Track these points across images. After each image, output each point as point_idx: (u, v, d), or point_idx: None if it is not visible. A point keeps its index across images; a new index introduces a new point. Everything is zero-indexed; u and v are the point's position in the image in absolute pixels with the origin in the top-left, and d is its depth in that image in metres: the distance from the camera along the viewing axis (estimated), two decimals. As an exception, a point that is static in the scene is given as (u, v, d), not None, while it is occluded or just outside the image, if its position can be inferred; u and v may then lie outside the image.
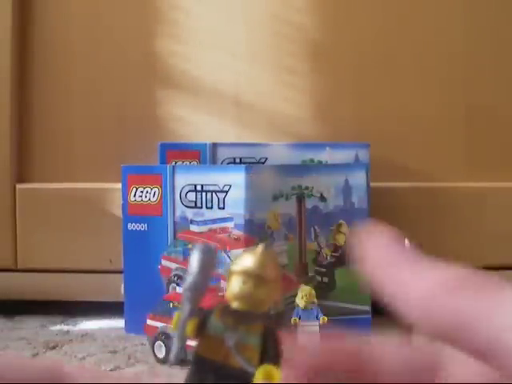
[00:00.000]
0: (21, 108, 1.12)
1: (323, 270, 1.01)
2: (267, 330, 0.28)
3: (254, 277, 0.28)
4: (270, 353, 0.28)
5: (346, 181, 1.01)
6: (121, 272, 0.99)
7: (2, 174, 1.10)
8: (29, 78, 1.12)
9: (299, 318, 0.95)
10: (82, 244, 1.10)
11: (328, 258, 1.01)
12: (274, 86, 1.13)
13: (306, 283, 0.98)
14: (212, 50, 1.13)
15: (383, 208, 1.09)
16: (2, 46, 1.09)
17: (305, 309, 0.95)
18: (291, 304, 0.96)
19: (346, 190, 1.01)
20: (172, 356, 0.27)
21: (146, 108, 1.13)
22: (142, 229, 0.98)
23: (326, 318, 0.95)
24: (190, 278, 0.28)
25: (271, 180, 0.98)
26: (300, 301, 0.95)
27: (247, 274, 0.28)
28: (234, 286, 0.29)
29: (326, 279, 1.01)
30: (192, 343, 0.28)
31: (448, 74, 1.14)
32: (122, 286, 0.98)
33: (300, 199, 1.00)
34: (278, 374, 0.27)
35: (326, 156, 1.05)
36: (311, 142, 1.09)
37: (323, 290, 1.00)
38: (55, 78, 1.13)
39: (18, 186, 1.10)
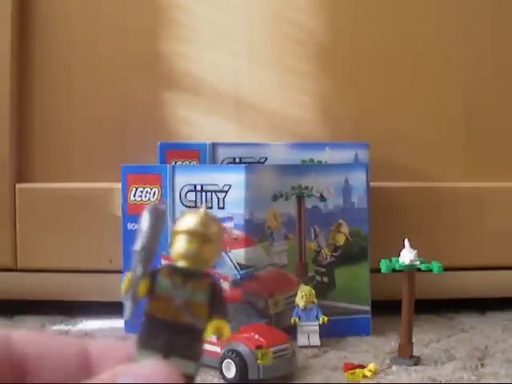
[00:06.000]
0: (21, 108, 1.12)
1: (323, 269, 1.01)
2: (213, 286, 0.30)
3: (199, 236, 0.29)
4: (218, 308, 0.29)
5: (346, 181, 1.01)
6: (121, 272, 0.99)
7: (1, 174, 1.10)
8: (29, 78, 1.12)
9: (299, 318, 0.95)
10: (82, 244, 1.10)
11: (328, 257, 1.01)
12: (274, 86, 1.13)
13: (306, 283, 0.98)
14: (212, 49, 1.13)
15: (383, 208, 1.09)
16: (2, 46, 1.09)
17: (305, 309, 0.95)
18: (291, 304, 0.96)
19: (346, 189, 1.01)
20: (126, 315, 0.29)
21: (146, 108, 1.13)
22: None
23: (325, 318, 0.95)
24: (140, 240, 0.29)
25: (271, 180, 0.98)
26: (300, 301, 0.95)
27: (191, 234, 0.29)
28: (179, 246, 0.30)
29: (325, 279, 1.01)
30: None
31: (448, 74, 1.15)
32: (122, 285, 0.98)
33: (300, 199, 1.00)
34: (227, 328, 0.29)
35: (326, 156, 1.06)
36: (311, 142, 1.09)
37: (323, 290, 1.00)
38: (55, 78, 1.13)
39: (18, 186, 1.10)
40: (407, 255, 0.86)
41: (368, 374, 0.82)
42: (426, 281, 0.99)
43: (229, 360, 0.80)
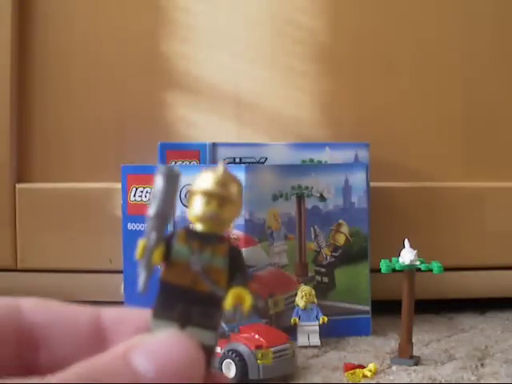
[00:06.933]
0: (21, 108, 1.12)
1: (323, 269, 1.01)
2: (233, 250, 0.27)
3: (218, 197, 0.27)
4: (239, 274, 0.27)
5: (346, 181, 1.01)
6: (121, 272, 0.99)
7: (1, 174, 1.10)
8: (29, 77, 1.12)
9: (299, 318, 0.95)
10: (82, 244, 1.10)
11: (328, 257, 1.01)
12: (273, 86, 1.13)
13: (306, 283, 0.98)
14: (212, 49, 1.13)
15: (383, 208, 1.09)
16: (2, 45, 1.09)
17: (305, 309, 0.95)
18: (291, 304, 0.96)
19: (346, 189, 1.01)
20: (140, 285, 0.27)
21: (146, 108, 1.13)
22: (142, 229, 0.98)
23: (325, 318, 0.95)
24: (154, 206, 0.27)
25: (271, 180, 0.98)
26: (300, 301, 0.95)
27: (210, 195, 0.27)
28: (196, 208, 0.28)
29: (325, 279, 1.01)
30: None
31: (448, 74, 1.15)
32: (122, 285, 0.98)
33: (300, 199, 1.00)
34: (248, 296, 0.27)
35: (326, 156, 1.06)
36: (311, 142, 1.09)
37: (323, 290, 1.00)
38: (55, 78, 1.13)
39: (18, 186, 1.10)
40: (407, 255, 0.86)
41: (368, 373, 0.82)
42: (426, 281, 0.99)
43: (229, 360, 0.80)
